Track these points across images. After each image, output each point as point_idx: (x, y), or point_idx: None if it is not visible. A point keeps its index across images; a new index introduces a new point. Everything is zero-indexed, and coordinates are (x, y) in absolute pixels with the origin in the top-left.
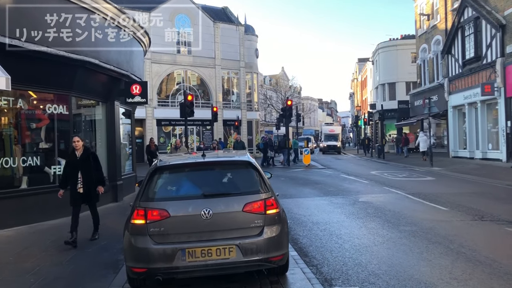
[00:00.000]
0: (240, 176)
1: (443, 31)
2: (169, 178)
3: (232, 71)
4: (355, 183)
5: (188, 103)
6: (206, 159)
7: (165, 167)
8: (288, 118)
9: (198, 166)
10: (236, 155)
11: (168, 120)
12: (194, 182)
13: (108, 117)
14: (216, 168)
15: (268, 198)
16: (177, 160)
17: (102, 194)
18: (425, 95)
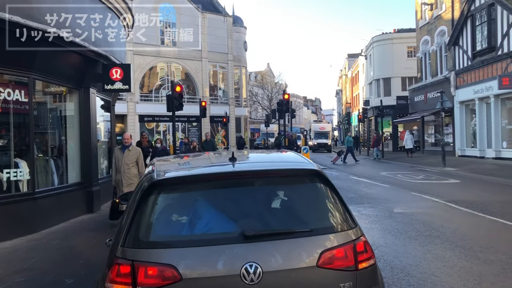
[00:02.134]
0: (303, 197)
1: (449, 21)
2: (176, 202)
3: (220, 64)
4: (375, 187)
5: (176, 95)
6: (238, 165)
7: (169, 181)
8: (285, 113)
9: (227, 180)
10: (290, 159)
11: (151, 116)
12: (223, 210)
13: (82, 107)
14: (258, 183)
15: (358, 238)
16: (188, 169)
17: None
18: (427, 90)
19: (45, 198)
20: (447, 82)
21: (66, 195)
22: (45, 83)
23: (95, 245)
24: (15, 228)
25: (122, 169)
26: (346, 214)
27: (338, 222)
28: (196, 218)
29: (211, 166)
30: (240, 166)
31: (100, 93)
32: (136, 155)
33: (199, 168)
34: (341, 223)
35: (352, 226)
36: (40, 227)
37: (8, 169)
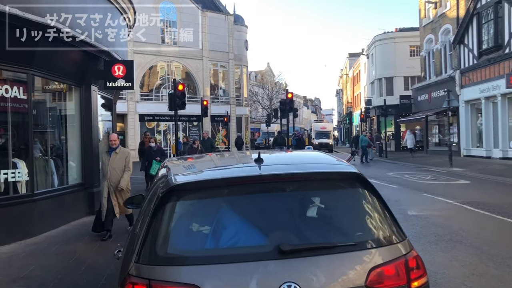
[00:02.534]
0: (343, 204)
1: (454, 20)
2: (198, 209)
3: (221, 63)
4: (384, 188)
5: (179, 94)
6: (267, 167)
7: (190, 186)
8: (289, 112)
9: (256, 184)
10: (322, 160)
11: (151, 115)
12: (252, 219)
13: (83, 106)
14: (291, 188)
15: (409, 253)
16: (210, 171)
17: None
18: (431, 89)
19: (45, 200)
20: (452, 81)
21: (66, 197)
22: (45, 80)
23: (97, 250)
24: (13, 231)
25: (109, 174)
26: (393, 224)
27: (385, 233)
28: (221, 228)
29: (236, 168)
30: (269, 169)
31: (102, 91)
32: (124, 158)
33: (222, 170)
34: (388, 235)
35: (401, 238)
36: (39, 230)
37: (6, 169)
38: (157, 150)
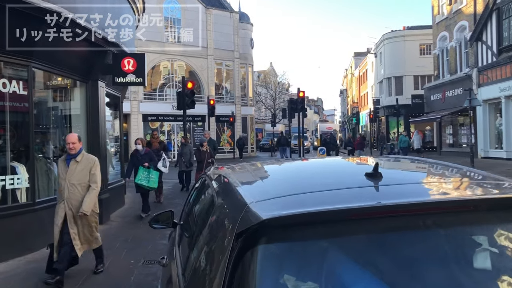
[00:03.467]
0: None
1: (470, 16)
2: (297, 257)
3: (226, 62)
4: None
5: (188, 92)
6: (397, 190)
7: (289, 220)
8: (300, 111)
9: (389, 218)
10: (475, 176)
11: (155, 115)
12: (382, 273)
13: (89, 103)
14: (440, 223)
15: None
16: (309, 197)
17: None
18: (445, 88)
19: (47, 210)
20: (468, 79)
21: None
22: (47, 74)
23: (107, 269)
24: (12, 246)
25: (66, 193)
26: None
27: None
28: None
29: (346, 192)
30: (403, 192)
31: (110, 88)
32: (88, 169)
33: (327, 194)
34: None
35: None
36: (41, 244)
37: (4, 175)
38: (146, 154)
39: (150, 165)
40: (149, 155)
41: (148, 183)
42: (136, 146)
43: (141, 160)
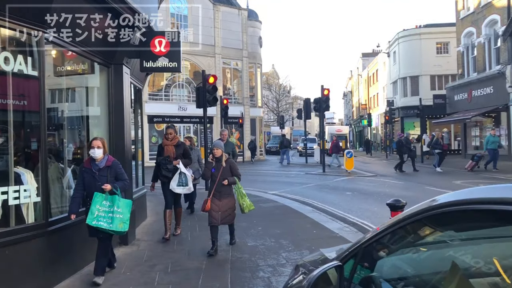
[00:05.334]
0: None
1: (503, 9)
2: None
3: (234, 61)
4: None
5: (210, 88)
6: None
7: None
8: (325, 110)
9: None
10: None
11: (161, 116)
12: None
13: (111, 94)
14: None
15: None
16: None
17: None
18: (472, 88)
19: (63, 232)
20: (500, 77)
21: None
22: (60, 53)
23: None
24: (18, 285)
25: None
26: None
27: None
28: None
29: None
30: None
31: (132, 77)
32: None
33: None
34: None
35: None
36: (56, 278)
37: (5, 186)
38: (106, 168)
39: (116, 189)
40: (113, 168)
41: (111, 224)
42: (91, 153)
43: (98, 178)
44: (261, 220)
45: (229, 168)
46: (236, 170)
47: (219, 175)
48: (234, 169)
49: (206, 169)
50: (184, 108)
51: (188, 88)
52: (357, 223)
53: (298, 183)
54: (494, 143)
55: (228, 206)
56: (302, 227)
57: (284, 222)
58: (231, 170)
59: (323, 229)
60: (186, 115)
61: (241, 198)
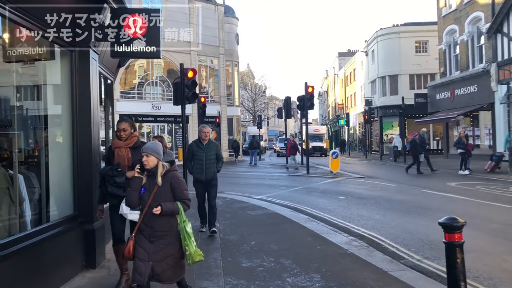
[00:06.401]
0: None
1: (487, 6)
2: None
3: (210, 58)
4: (489, 208)
5: (189, 83)
6: None
7: None
8: (309, 108)
9: None
10: None
11: (133, 115)
12: None
13: (75, 86)
14: None
15: None
16: None
17: None
18: (455, 86)
19: (8, 259)
20: (484, 76)
21: (47, 245)
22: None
23: None
24: None
25: None
26: None
27: None
28: None
29: None
30: None
31: (102, 65)
32: None
33: None
34: None
35: None
36: None
37: None
38: None
39: None
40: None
41: None
42: None
43: None
44: (253, 231)
45: (169, 187)
46: (181, 190)
47: (150, 199)
48: (177, 189)
49: (131, 191)
50: (158, 107)
51: (162, 86)
52: (364, 235)
53: (283, 186)
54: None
55: (166, 254)
56: (302, 241)
57: (280, 235)
58: (172, 191)
59: (328, 244)
60: (160, 114)
61: (184, 239)
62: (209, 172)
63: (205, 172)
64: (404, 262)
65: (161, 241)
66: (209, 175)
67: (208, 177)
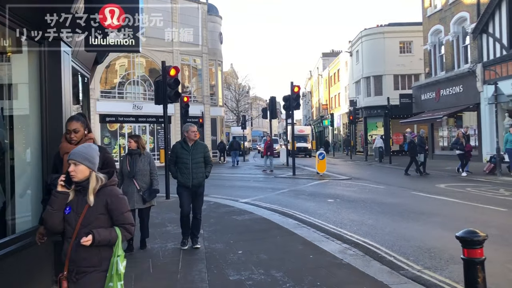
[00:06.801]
0: None
1: (472, 6)
2: None
3: (193, 57)
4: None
5: (171, 81)
6: None
7: None
8: (295, 109)
9: None
10: None
11: (114, 115)
12: None
13: (43, 81)
14: None
15: None
16: None
17: None
18: (440, 87)
19: None
20: (470, 76)
21: (13, 259)
22: None
23: None
24: None
25: None
26: None
27: None
28: None
29: None
30: None
31: (75, 61)
32: None
33: None
34: None
35: None
36: None
37: None
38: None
39: None
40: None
41: None
42: None
43: None
44: (240, 239)
45: (104, 207)
46: (121, 213)
47: (79, 223)
48: (116, 211)
49: (51, 210)
50: (139, 106)
51: (144, 86)
52: (358, 242)
53: (270, 189)
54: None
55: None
56: (292, 249)
57: (269, 242)
58: (109, 213)
59: (321, 253)
60: (142, 114)
61: (110, 279)
62: (196, 177)
63: (192, 176)
64: (405, 273)
65: (86, 282)
66: (196, 180)
67: (195, 182)
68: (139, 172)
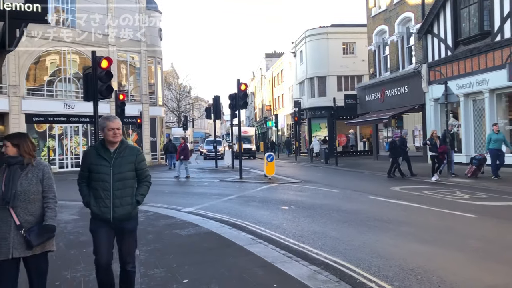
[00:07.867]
0: None
1: (417, 7)
2: None
3: (131, 54)
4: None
5: (102, 74)
6: None
7: None
8: (242, 108)
9: None
10: None
11: (42, 115)
12: None
13: None
14: None
15: None
16: None
17: None
18: (385, 88)
19: None
20: (415, 76)
21: None
22: None
23: None
24: None
25: None
26: None
27: None
28: None
29: None
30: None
31: None
32: None
33: None
34: None
35: None
36: None
37: None
38: None
39: None
40: None
41: None
42: None
43: None
44: (185, 262)
45: None
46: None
47: None
48: None
49: None
50: (71, 105)
51: (76, 84)
52: (328, 262)
53: (216, 195)
54: (497, 142)
55: None
56: (251, 275)
57: (221, 266)
58: None
59: (287, 280)
60: (74, 114)
61: None
62: (121, 203)
63: (114, 203)
64: None
65: None
66: (121, 209)
67: (119, 214)
68: (22, 196)
